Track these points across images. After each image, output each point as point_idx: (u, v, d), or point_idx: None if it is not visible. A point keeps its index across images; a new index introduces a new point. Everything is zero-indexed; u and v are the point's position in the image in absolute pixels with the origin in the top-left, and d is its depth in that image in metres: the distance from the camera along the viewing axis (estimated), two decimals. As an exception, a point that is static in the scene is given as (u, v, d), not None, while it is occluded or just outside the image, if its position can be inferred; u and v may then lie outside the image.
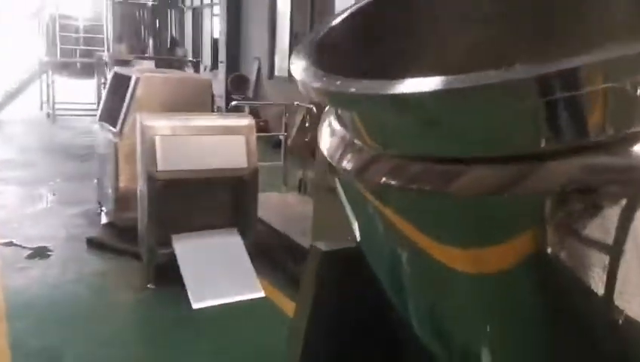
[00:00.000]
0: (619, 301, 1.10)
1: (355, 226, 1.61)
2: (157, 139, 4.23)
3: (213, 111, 5.89)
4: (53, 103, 12.70)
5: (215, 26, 16.22)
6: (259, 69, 13.14)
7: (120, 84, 5.69)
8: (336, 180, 1.51)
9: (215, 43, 15.79)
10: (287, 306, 4.24)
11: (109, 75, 6.16)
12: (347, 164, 1.28)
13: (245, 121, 4.68)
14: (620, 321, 1.14)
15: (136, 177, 5.02)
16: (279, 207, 5.53)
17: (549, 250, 1.08)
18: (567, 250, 1.09)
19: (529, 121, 1.00)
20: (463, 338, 1.48)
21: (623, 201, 0.98)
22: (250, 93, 12.82)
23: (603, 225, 1.01)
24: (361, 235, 1.60)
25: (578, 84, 0.90)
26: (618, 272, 1.07)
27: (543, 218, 1.05)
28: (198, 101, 5.35)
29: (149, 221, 4.37)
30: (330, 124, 1.47)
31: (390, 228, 1.34)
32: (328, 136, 1.43)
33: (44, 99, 13.75)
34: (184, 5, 14.77)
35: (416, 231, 1.28)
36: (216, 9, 15.97)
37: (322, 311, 2.02)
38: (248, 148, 4.61)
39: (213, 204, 4.72)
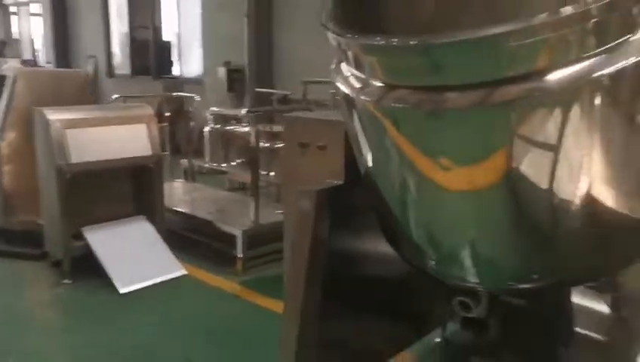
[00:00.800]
0: (584, 208, 1.65)
1: (367, 158, 2.06)
2: (67, 132, 4.23)
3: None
4: None
5: (33, 24, 15.19)
6: (96, 68, 12.68)
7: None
8: (354, 117, 1.95)
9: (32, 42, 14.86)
10: (209, 279, 4.55)
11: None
12: (366, 97, 1.75)
13: (145, 110, 4.83)
14: (584, 226, 1.71)
15: (23, 177, 4.92)
16: (176, 193, 5.72)
17: (523, 163, 1.62)
18: (536, 160, 1.63)
19: (500, 58, 1.52)
20: (454, 244, 1.99)
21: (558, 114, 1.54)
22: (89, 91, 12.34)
23: (552, 136, 1.57)
24: (373, 165, 2.05)
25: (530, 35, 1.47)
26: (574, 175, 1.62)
27: (515, 133, 1.58)
28: (77, 95, 5.31)
29: (62, 215, 4.35)
30: (344, 71, 1.92)
31: (400, 152, 1.81)
32: (345, 79, 1.89)
33: None
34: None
35: (421, 154, 1.78)
36: (33, 7, 14.98)
37: (321, 249, 2.42)
38: (151, 137, 4.78)
39: (120, 193, 4.82)
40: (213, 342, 3.59)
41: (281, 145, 5.47)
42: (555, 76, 1.49)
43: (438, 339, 3.45)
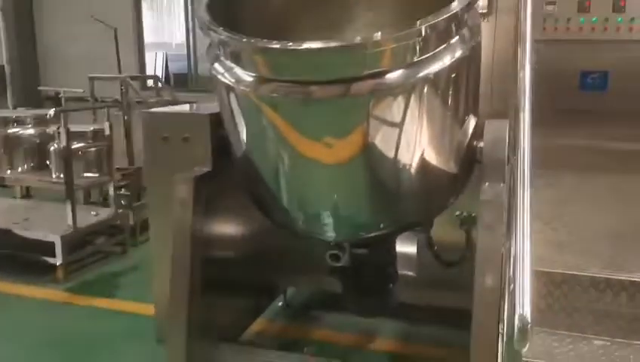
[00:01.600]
0: (418, 169, 2.24)
1: (244, 139, 2.38)
2: None
3: None
4: None
5: None
6: None
7: None
8: (233, 104, 2.25)
9: None
10: (28, 292, 4.31)
11: None
12: (246, 87, 2.12)
13: None
14: (418, 183, 2.30)
15: None
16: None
17: (376, 139, 2.15)
18: (384, 137, 2.18)
19: (357, 61, 1.99)
20: (319, 207, 2.48)
21: (401, 103, 2.08)
22: None
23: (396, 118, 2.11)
24: (252, 142, 2.38)
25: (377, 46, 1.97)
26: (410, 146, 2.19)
27: (368, 117, 2.08)
28: None
29: None
30: (222, 65, 2.23)
31: (277, 133, 2.21)
32: (224, 72, 2.20)
33: None
34: None
35: (294, 132, 2.20)
36: None
37: (201, 234, 2.66)
38: None
39: None
40: (60, 352, 3.49)
41: (79, 145, 5.29)
42: (395, 75, 2.04)
43: (280, 303, 4.00)
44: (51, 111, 4.21)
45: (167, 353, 2.62)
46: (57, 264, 4.38)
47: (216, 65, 2.29)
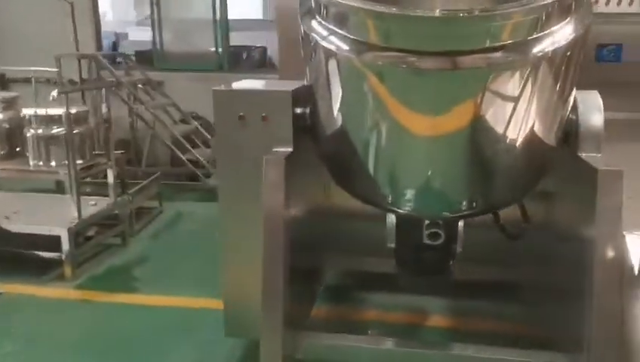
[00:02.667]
0: (522, 145, 2.18)
1: (337, 107, 2.24)
2: None
3: None
4: None
5: None
6: None
7: None
8: (331, 69, 2.13)
9: None
10: (33, 291, 3.92)
11: None
12: (351, 53, 1.99)
13: None
14: (517, 161, 2.25)
15: None
16: None
17: (486, 114, 2.09)
18: (495, 112, 2.12)
19: (480, 32, 1.90)
20: (412, 181, 2.41)
21: (515, 79, 2.00)
22: None
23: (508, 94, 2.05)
24: (348, 113, 2.24)
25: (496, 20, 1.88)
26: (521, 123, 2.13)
27: (480, 90, 2.00)
28: None
29: None
30: (321, 30, 2.09)
31: (377, 100, 2.10)
32: (326, 36, 2.06)
33: None
34: None
35: (399, 103, 2.10)
36: None
37: (291, 217, 2.51)
38: None
39: None
40: (102, 353, 3.21)
41: (59, 130, 4.83)
42: (514, 50, 1.98)
43: (321, 287, 3.91)
44: (54, 93, 3.79)
45: (263, 346, 2.45)
46: (63, 259, 4.00)
47: (314, 31, 2.14)
